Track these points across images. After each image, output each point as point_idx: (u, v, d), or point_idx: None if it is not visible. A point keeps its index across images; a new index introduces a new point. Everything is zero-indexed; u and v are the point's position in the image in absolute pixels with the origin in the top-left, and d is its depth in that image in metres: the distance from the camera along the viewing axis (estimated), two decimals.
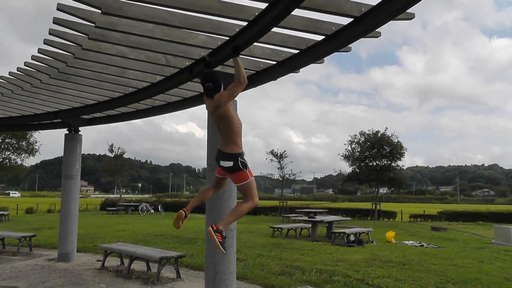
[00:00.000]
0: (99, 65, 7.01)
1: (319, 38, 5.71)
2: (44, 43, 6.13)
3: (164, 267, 8.64)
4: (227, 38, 5.65)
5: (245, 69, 6.86)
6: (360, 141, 34.41)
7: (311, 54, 5.96)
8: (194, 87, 7.83)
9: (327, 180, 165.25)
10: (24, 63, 7.35)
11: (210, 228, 4.40)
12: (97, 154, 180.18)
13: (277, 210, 34.92)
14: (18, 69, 7.72)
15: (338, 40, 5.40)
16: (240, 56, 4.46)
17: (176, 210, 35.78)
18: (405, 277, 9.03)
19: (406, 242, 16.12)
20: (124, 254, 9.79)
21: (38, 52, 6.64)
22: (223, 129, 4.73)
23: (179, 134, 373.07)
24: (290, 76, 7.18)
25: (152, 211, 34.07)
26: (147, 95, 8.09)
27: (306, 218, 18.87)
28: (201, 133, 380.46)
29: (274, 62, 6.62)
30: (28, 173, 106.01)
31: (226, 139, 4.75)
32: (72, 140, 10.96)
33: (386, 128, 38.24)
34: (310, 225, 17.74)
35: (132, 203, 37.42)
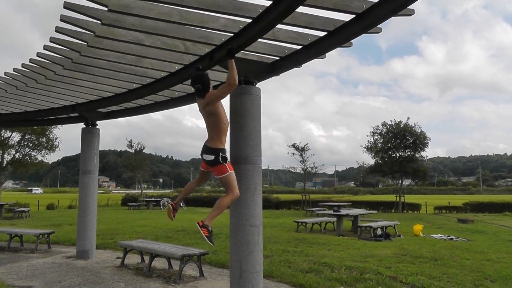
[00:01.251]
0: (114, 53, 6.64)
1: (348, 18, 5.25)
2: (56, 31, 5.73)
3: (186, 264, 8.27)
4: (250, 20, 5.22)
5: (268, 55, 6.48)
6: (383, 132, 33.77)
7: (339, 36, 5.47)
8: (215, 76, 7.42)
9: (348, 173, 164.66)
10: (37, 53, 7.02)
11: (197, 224, 4.98)
12: (118, 150, 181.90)
13: (299, 204, 34.51)
14: (31, 60, 7.38)
15: (368, 19, 4.91)
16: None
17: (197, 205, 36.05)
18: (439, 274, 8.52)
19: (434, 235, 15.57)
20: (144, 252, 9.46)
21: (50, 41, 6.28)
22: (211, 125, 5.27)
23: (200, 129, 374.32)
24: (309, 68, 6.84)
25: None
26: (166, 85, 7.69)
27: (330, 211, 18.41)
28: None
29: (299, 47, 6.17)
30: (49, 170, 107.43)
31: (212, 134, 5.25)
32: (89, 134, 10.64)
33: (408, 118, 37.48)
34: (335, 219, 17.26)
35: (153, 198, 37.33)
